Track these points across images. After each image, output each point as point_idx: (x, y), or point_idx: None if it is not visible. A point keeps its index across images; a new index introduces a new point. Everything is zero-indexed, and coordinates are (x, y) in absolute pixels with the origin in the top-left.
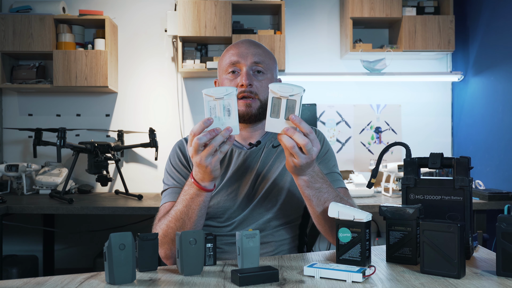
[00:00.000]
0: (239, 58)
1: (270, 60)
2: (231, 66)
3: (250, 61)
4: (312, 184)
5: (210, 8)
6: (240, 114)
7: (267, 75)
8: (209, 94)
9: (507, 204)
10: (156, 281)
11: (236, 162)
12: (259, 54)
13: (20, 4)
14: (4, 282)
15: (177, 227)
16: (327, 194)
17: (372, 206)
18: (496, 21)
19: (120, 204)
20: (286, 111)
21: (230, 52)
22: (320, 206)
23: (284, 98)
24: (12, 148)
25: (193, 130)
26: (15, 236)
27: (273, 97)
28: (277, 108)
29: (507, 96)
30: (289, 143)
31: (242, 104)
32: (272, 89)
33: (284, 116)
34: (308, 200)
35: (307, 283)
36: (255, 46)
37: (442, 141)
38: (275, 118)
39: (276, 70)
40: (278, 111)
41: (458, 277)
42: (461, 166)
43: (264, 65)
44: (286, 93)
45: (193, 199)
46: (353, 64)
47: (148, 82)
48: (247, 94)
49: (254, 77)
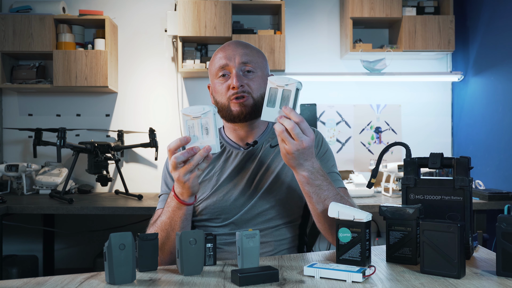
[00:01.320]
0: (227, 60)
1: (259, 58)
2: (221, 70)
3: (238, 62)
4: (312, 181)
5: (210, 8)
6: (235, 114)
7: (257, 73)
8: (186, 113)
9: (507, 204)
10: (156, 281)
11: (233, 163)
12: (246, 54)
13: (20, 4)
14: (4, 282)
15: (162, 237)
16: (327, 192)
17: (372, 206)
18: (496, 21)
19: (120, 204)
20: (282, 101)
21: (218, 56)
22: (320, 203)
23: (280, 88)
24: (12, 148)
25: (170, 146)
26: (15, 236)
27: (271, 87)
28: (273, 97)
29: (507, 96)
30: (278, 127)
31: (236, 104)
32: (270, 80)
33: (279, 105)
34: (308, 197)
35: (307, 283)
36: (241, 47)
37: (442, 141)
38: (271, 108)
39: (266, 67)
40: (274, 101)
41: (458, 277)
42: (461, 166)
43: (253, 64)
44: (283, 83)
45: (175, 211)
46: (353, 64)
47: (148, 82)
48: (240, 95)
49: (244, 77)
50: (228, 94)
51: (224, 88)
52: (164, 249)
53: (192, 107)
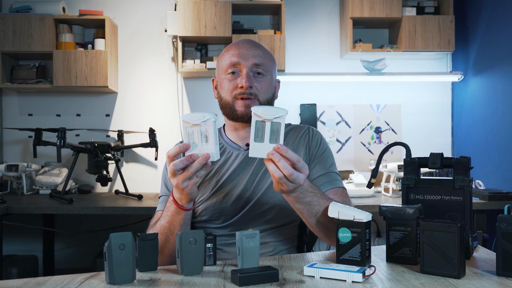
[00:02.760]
0: (239, 59)
1: (270, 62)
2: (231, 67)
3: (250, 62)
4: (302, 199)
5: (210, 8)
6: (239, 114)
7: (267, 76)
8: (186, 120)
9: (507, 204)
10: (156, 281)
11: (233, 164)
12: (259, 56)
13: (20, 4)
14: (4, 282)
15: (162, 241)
16: (318, 207)
17: (372, 206)
18: (496, 21)
19: (120, 204)
20: (271, 135)
21: (231, 52)
22: (313, 217)
23: (268, 121)
24: (12, 148)
25: (169, 153)
26: (15, 236)
27: (257, 121)
28: (261, 132)
29: (507, 96)
30: (277, 174)
31: (242, 104)
32: (256, 112)
33: (268, 140)
34: (299, 212)
35: (307, 283)
36: (255, 47)
37: (442, 141)
38: (260, 143)
39: (275, 71)
40: (263, 135)
41: (458, 277)
42: (461, 166)
43: (264, 66)
44: (271, 115)
45: (174, 216)
46: (353, 64)
47: (148, 82)
48: (247, 96)
49: (254, 79)
50: (234, 92)
51: (232, 85)
52: (164, 252)
53: (192, 114)
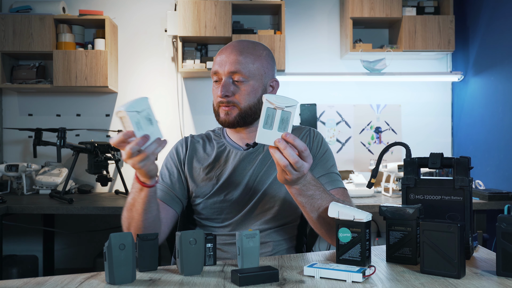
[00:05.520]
0: (218, 67)
1: (254, 64)
2: (213, 75)
3: (227, 70)
4: (304, 192)
5: (210, 8)
6: (221, 121)
7: (249, 81)
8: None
9: (507, 204)
10: (156, 281)
11: (233, 163)
12: (237, 62)
13: (20, 4)
14: (4, 282)
15: (128, 217)
16: (320, 201)
17: (372, 206)
18: (496, 21)
19: (120, 204)
20: (280, 123)
21: (216, 59)
22: (314, 212)
23: (279, 109)
24: (12, 148)
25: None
26: (15, 236)
27: (268, 108)
28: (271, 119)
29: (507, 96)
30: (282, 161)
31: (223, 111)
32: (268, 99)
33: (277, 128)
34: (301, 206)
35: (307, 283)
36: (236, 53)
37: (442, 141)
38: (268, 130)
39: (267, 72)
40: (272, 123)
41: (458, 277)
42: (461, 166)
43: (243, 72)
44: (282, 104)
45: (138, 193)
46: (353, 64)
47: (148, 82)
48: (225, 104)
49: (233, 86)
50: (217, 100)
51: (215, 93)
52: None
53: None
